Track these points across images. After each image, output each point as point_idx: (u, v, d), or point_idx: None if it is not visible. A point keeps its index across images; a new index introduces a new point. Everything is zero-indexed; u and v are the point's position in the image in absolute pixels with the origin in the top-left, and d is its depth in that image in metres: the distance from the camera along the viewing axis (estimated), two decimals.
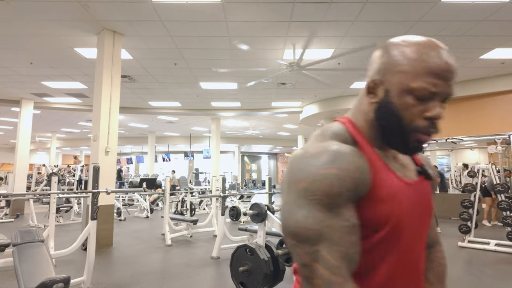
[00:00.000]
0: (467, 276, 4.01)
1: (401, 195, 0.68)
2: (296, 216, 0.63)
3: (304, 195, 0.63)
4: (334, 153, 0.64)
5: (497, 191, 5.44)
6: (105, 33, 5.62)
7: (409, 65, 0.66)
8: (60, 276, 2.47)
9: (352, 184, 0.63)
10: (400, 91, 0.66)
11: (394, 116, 0.68)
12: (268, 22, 5.38)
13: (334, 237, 0.61)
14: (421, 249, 0.75)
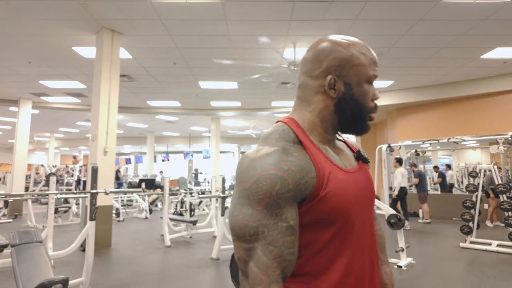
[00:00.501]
0: (469, 277, 3.98)
1: (348, 187, 0.72)
2: (237, 214, 0.67)
3: (246, 195, 0.66)
4: (278, 154, 0.68)
5: (499, 191, 5.41)
6: (104, 32, 5.58)
7: (364, 58, 0.76)
8: (58, 277, 2.43)
9: (294, 185, 0.65)
10: (360, 80, 0.76)
11: (357, 104, 0.76)
12: (268, 21, 5.35)
13: (270, 237, 0.64)
14: (372, 233, 0.78)
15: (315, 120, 0.77)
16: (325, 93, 0.76)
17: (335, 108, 0.76)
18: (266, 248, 0.64)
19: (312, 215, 0.69)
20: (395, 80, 8.65)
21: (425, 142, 8.40)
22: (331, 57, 0.75)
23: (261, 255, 0.64)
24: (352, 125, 0.78)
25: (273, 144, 0.71)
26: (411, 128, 9.92)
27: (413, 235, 6.75)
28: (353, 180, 0.75)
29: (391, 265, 4.45)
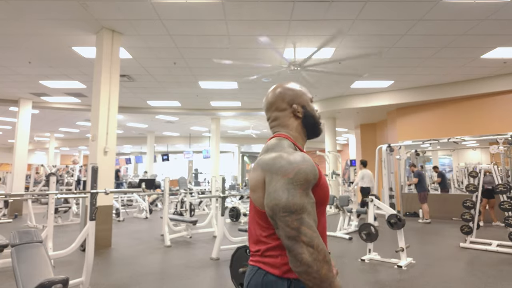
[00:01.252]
0: (469, 277, 3.98)
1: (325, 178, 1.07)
2: (287, 196, 0.95)
3: (292, 182, 0.96)
4: (302, 155, 1.02)
5: (499, 191, 5.41)
6: (104, 32, 5.58)
7: (304, 90, 1.19)
8: (58, 277, 2.43)
9: (314, 175, 0.99)
10: (308, 102, 1.18)
11: (313, 117, 1.17)
12: (268, 21, 5.35)
13: (310, 208, 0.97)
14: None
15: (296, 135, 1.15)
16: (294, 116, 1.16)
17: (303, 123, 1.16)
18: (309, 216, 0.96)
19: (315, 197, 1.01)
20: (395, 80, 8.65)
21: (425, 142, 8.39)
22: (288, 94, 1.17)
23: (308, 220, 0.95)
24: (314, 131, 1.18)
25: (290, 150, 1.04)
26: (411, 128, 9.92)
27: (413, 235, 6.75)
28: None
29: (391, 265, 4.46)
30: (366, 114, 11.46)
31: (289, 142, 1.08)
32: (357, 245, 5.78)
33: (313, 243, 0.92)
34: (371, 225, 4.69)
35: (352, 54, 6.65)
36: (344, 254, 5.17)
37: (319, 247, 0.93)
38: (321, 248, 0.93)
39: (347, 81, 8.76)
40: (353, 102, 10.26)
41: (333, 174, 11.26)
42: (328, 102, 10.75)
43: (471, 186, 5.64)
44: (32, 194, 10.01)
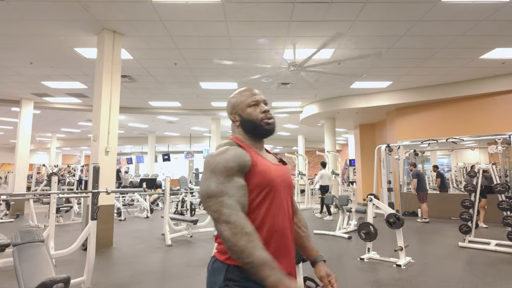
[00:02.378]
0: (468, 276, 4.01)
1: (271, 170, 1.20)
2: (209, 183, 1.10)
3: (212, 171, 1.12)
4: (227, 149, 1.16)
5: (497, 191, 5.43)
6: (105, 33, 5.62)
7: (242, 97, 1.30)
8: (60, 276, 2.46)
9: (238, 163, 1.12)
10: (244, 109, 1.28)
11: (249, 121, 1.26)
12: (268, 22, 5.38)
13: (231, 192, 1.08)
14: (290, 204, 1.26)
15: (241, 137, 1.28)
16: (235, 124, 1.31)
17: (242, 128, 1.28)
18: (229, 198, 1.07)
19: (252, 184, 1.14)
20: (394, 81, 8.67)
21: (423, 142, 8.42)
22: (228, 107, 1.33)
23: (227, 201, 1.07)
24: (255, 132, 1.27)
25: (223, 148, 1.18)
26: (410, 128, 9.94)
27: (412, 234, 6.78)
28: (275, 167, 1.23)
29: (390, 264, 4.49)
30: (366, 114, 11.48)
31: (231, 142, 1.23)
32: (356, 244, 5.81)
33: (230, 219, 1.03)
34: (370, 224, 4.72)
35: (351, 55, 6.67)
36: (344, 253, 5.20)
37: (236, 222, 1.03)
38: (238, 223, 1.03)
39: (347, 81, 8.78)
40: (353, 102, 10.28)
41: (332, 173, 11.29)
42: (328, 102, 10.77)
43: (470, 186, 5.66)
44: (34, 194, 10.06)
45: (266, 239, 1.12)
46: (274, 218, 1.15)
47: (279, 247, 1.15)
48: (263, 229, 1.13)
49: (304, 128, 16.40)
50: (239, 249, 1.00)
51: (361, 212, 6.98)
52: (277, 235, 1.15)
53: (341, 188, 11.90)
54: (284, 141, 22.35)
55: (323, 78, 8.40)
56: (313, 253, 1.37)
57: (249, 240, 1.01)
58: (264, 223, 1.14)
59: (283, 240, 1.17)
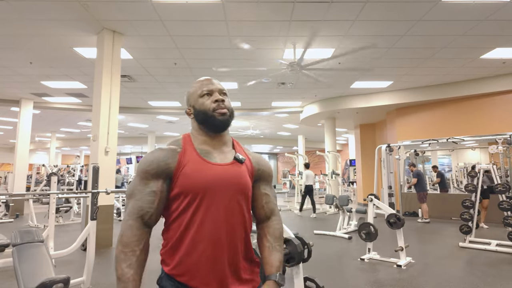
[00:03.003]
0: (468, 277, 4.00)
1: (204, 171, 1.08)
2: (130, 183, 1.11)
3: (136, 173, 1.10)
4: (155, 151, 1.12)
5: (498, 191, 5.42)
6: (105, 33, 5.61)
7: (197, 86, 1.20)
8: (59, 276, 2.45)
9: (156, 167, 1.07)
10: (196, 99, 1.18)
11: (201, 112, 1.15)
12: (269, 22, 5.37)
13: (139, 195, 1.06)
14: (237, 209, 1.11)
15: (194, 132, 1.19)
16: (190, 117, 1.21)
17: (196, 121, 1.18)
18: (134, 202, 1.06)
19: (175, 190, 1.07)
20: (395, 80, 8.66)
21: (424, 142, 8.41)
22: (186, 99, 1.24)
23: (130, 205, 1.06)
24: (208, 125, 1.15)
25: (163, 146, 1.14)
26: (411, 128, 9.94)
27: (413, 234, 6.77)
28: (217, 169, 1.10)
29: (391, 265, 4.48)
30: (366, 114, 11.48)
31: (177, 140, 1.18)
32: (357, 244, 5.80)
33: (121, 224, 1.06)
34: (371, 224, 4.71)
35: (351, 55, 6.66)
36: (344, 254, 5.19)
37: (121, 228, 1.04)
38: (121, 230, 1.04)
39: (347, 81, 8.77)
40: (353, 102, 10.28)
41: (332, 173, 11.29)
42: (328, 102, 10.76)
43: (470, 186, 5.66)
44: (33, 194, 10.05)
45: (188, 251, 1.04)
46: (200, 227, 1.04)
47: (202, 261, 1.04)
48: (186, 239, 1.05)
49: (304, 128, 16.40)
50: (115, 256, 1.01)
51: (361, 212, 6.97)
52: (203, 245, 1.04)
53: (341, 188, 11.90)
54: (284, 141, 22.36)
55: (323, 78, 8.39)
56: (268, 268, 1.16)
57: (122, 250, 1.00)
58: (187, 231, 1.05)
59: (212, 253, 1.04)
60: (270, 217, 1.25)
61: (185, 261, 1.06)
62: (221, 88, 1.19)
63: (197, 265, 1.04)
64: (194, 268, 1.04)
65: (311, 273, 3.08)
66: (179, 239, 1.07)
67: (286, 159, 28.06)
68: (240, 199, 1.12)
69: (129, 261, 1.00)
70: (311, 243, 2.38)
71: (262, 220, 1.25)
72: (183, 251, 1.06)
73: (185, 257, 1.06)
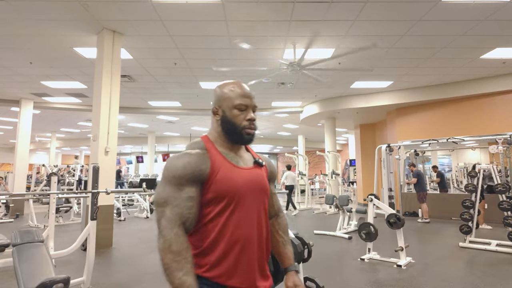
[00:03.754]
0: (468, 276, 4.00)
1: (236, 175, 1.11)
2: (158, 190, 1.07)
3: (165, 179, 1.07)
4: (184, 155, 1.10)
5: (498, 191, 5.42)
6: (105, 33, 5.61)
7: (232, 93, 1.17)
8: (59, 276, 2.45)
9: (191, 172, 1.06)
10: (230, 108, 1.16)
11: (230, 123, 1.16)
12: (269, 22, 5.37)
13: (176, 202, 1.04)
14: (263, 210, 1.17)
15: (215, 134, 1.21)
16: (215, 117, 1.20)
17: (220, 126, 1.18)
18: (172, 209, 1.03)
19: (211, 193, 1.08)
20: (395, 80, 8.66)
21: (424, 142, 8.41)
22: (214, 97, 1.21)
23: (167, 213, 1.03)
24: (232, 136, 1.18)
25: (186, 151, 1.12)
26: (411, 128, 9.94)
27: (413, 234, 6.77)
28: (244, 173, 1.15)
29: (391, 265, 4.47)
30: (366, 114, 11.48)
31: (198, 143, 1.17)
32: (357, 244, 5.80)
33: (163, 233, 1.02)
34: (371, 224, 4.71)
35: (351, 55, 6.66)
36: (344, 254, 5.19)
37: (166, 237, 1.01)
38: (167, 238, 1.00)
39: (347, 81, 8.77)
40: (353, 102, 10.28)
41: (332, 173, 11.29)
42: (328, 102, 10.76)
43: (470, 186, 5.66)
44: (34, 194, 10.05)
45: (225, 252, 1.07)
46: (236, 228, 1.08)
47: (239, 261, 1.08)
48: (222, 241, 1.07)
49: (304, 128, 16.40)
50: (164, 265, 1.00)
51: (361, 212, 6.97)
52: (238, 247, 1.08)
53: (341, 188, 11.90)
54: (284, 141, 22.36)
55: (324, 78, 8.39)
56: (286, 261, 1.30)
57: (173, 259, 0.99)
58: (223, 234, 1.08)
59: (246, 252, 1.09)
60: (278, 213, 1.36)
61: (222, 263, 1.07)
62: (255, 105, 1.21)
63: (235, 265, 1.07)
64: (231, 268, 1.07)
65: (311, 273, 3.08)
66: (214, 241, 1.08)
67: (286, 159, 28.05)
68: (264, 201, 1.20)
69: (185, 269, 0.99)
70: (311, 243, 2.38)
71: (272, 216, 1.34)
72: (219, 253, 1.07)
73: (222, 259, 1.07)
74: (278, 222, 1.34)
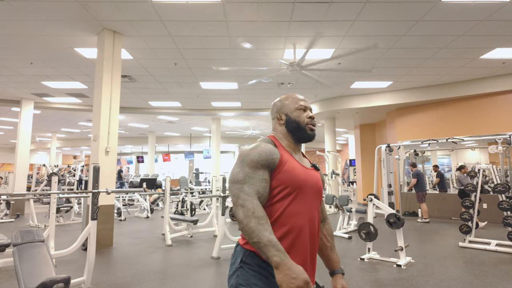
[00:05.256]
0: (468, 276, 4.00)
1: (299, 170, 1.27)
2: (236, 171, 1.23)
3: (242, 162, 1.24)
4: (259, 145, 1.28)
5: (498, 191, 5.43)
6: (105, 33, 5.62)
7: (291, 100, 1.41)
8: (60, 276, 2.46)
9: (265, 159, 1.23)
10: (292, 110, 1.38)
11: (294, 122, 1.37)
12: (269, 22, 5.38)
13: (252, 181, 1.20)
14: (316, 208, 1.31)
15: (281, 136, 1.39)
16: (278, 122, 1.40)
17: (286, 127, 1.38)
18: (249, 186, 1.19)
19: (277, 180, 1.23)
20: (395, 81, 8.67)
21: (424, 142, 8.41)
22: (276, 106, 1.43)
23: (246, 188, 1.18)
24: (297, 133, 1.36)
25: (259, 143, 1.30)
26: (410, 128, 9.94)
27: (412, 234, 6.77)
28: (305, 171, 1.31)
29: (391, 264, 4.48)
30: (366, 114, 11.48)
31: (268, 139, 1.34)
32: (357, 244, 5.81)
33: (244, 203, 1.15)
34: (371, 224, 4.72)
35: (351, 55, 6.67)
36: (344, 253, 5.20)
37: (249, 206, 1.14)
38: (251, 207, 1.13)
39: (347, 81, 8.78)
40: (353, 102, 10.28)
41: (332, 173, 11.29)
42: (328, 102, 10.77)
43: (470, 186, 5.66)
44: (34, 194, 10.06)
45: (283, 234, 1.19)
46: (293, 216, 1.21)
47: (293, 245, 1.20)
48: (280, 224, 1.20)
49: None
50: (250, 229, 1.10)
51: (361, 212, 6.98)
52: (293, 234, 1.20)
53: (341, 188, 11.89)
54: None
55: (323, 78, 8.40)
56: (334, 264, 1.43)
57: (258, 222, 1.10)
58: (282, 218, 1.21)
59: (299, 239, 1.21)
60: (325, 220, 1.51)
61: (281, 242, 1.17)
62: (311, 107, 1.43)
63: (290, 248, 1.19)
64: (287, 250, 1.17)
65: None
66: (277, 220, 1.21)
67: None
68: (319, 199, 1.34)
69: (270, 230, 1.10)
70: None
71: (321, 220, 1.48)
72: (279, 234, 1.19)
73: (281, 239, 1.18)
74: (325, 227, 1.48)
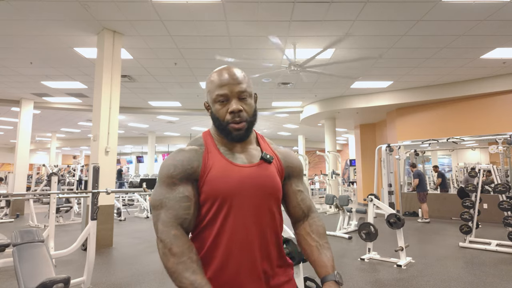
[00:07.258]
0: (468, 276, 4.00)
1: (230, 173, 0.99)
2: (154, 191, 1.01)
3: (159, 180, 1.00)
4: (179, 151, 1.03)
5: (498, 191, 5.42)
6: (105, 33, 5.61)
7: (211, 85, 1.04)
8: (60, 276, 2.46)
9: (182, 170, 0.98)
10: (212, 102, 1.04)
11: (216, 119, 1.04)
12: (269, 22, 5.37)
13: (169, 204, 0.96)
14: (268, 212, 1.03)
15: (214, 130, 1.08)
16: (208, 111, 1.09)
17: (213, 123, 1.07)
18: (167, 211, 0.96)
19: (204, 194, 0.99)
20: (395, 80, 8.66)
21: (424, 142, 8.41)
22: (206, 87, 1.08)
23: (163, 216, 0.96)
24: (222, 133, 1.04)
25: (184, 147, 1.06)
26: (411, 128, 9.94)
27: (413, 234, 6.77)
28: (241, 170, 1.02)
29: (391, 264, 4.47)
30: (366, 114, 11.48)
31: (197, 139, 1.08)
32: (357, 244, 5.80)
33: (162, 237, 0.95)
34: (371, 224, 4.72)
35: (352, 55, 6.67)
36: (344, 254, 5.19)
37: (165, 241, 0.94)
38: (167, 242, 0.94)
39: (347, 81, 8.77)
40: (353, 102, 10.28)
41: (332, 173, 11.29)
42: (328, 102, 10.77)
43: (470, 186, 5.66)
44: (34, 194, 10.04)
45: (224, 259, 0.97)
46: (233, 233, 0.97)
47: (241, 267, 0.98)
48: (219, 248, 0.98)
49: (304, 128, 16.40)
50: (169, 271, 0.93)
51: (361, 212, 6.98)
52: (237, 252, 0.97)
53: (341, 188, 11.89)
54: (284, 141, 22.34)
55: (324, 78, 8.40)
56: (323, 270, 1.03)
57: (177, 262, 0.92)
58: (219, 240, 0.98)
59: (247, 257, 0.98)
60: (309, 214, 1.15)
61: (222, 272, 0.98)
62: (241, 89, 1.01)
63: (235, 275, 0.98)
64: (232, 278, 0.98)
65: (311, 273, 3.08)
66: (209, 251, 0.99)
67: None
68: (271, 203, 1.04)
69: (192, 268, 0.91)
70: None
71: (300, 218, 1.15)
72: (218, 262, 0.98)
73: (222, 268, 0.98)
74: (309, 223, 1.13)
